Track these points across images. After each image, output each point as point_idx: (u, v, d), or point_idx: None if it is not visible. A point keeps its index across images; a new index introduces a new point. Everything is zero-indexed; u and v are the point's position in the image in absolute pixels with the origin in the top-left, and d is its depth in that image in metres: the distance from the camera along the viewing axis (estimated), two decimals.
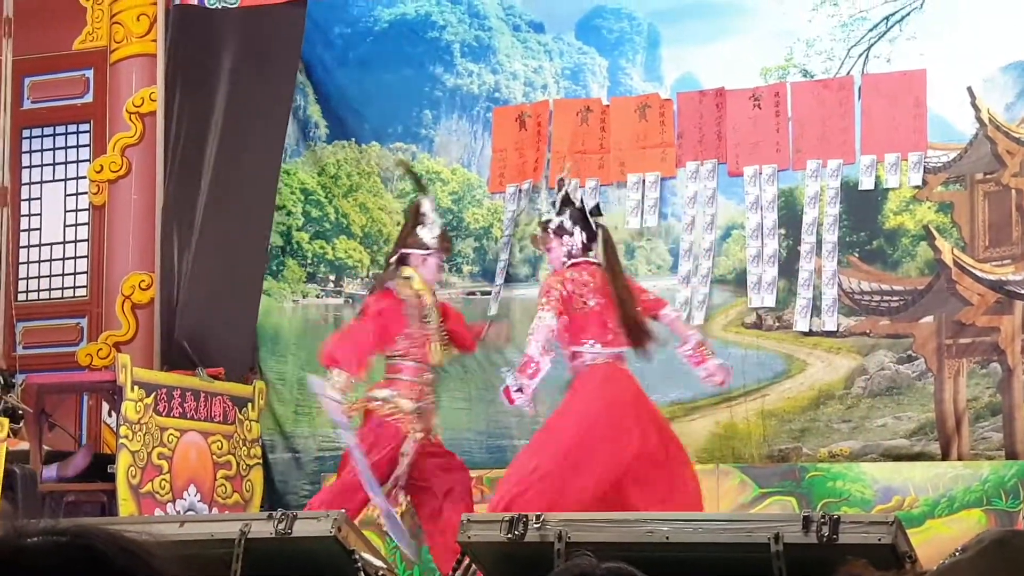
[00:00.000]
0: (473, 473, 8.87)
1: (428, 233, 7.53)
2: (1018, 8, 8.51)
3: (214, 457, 8.62)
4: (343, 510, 5.96)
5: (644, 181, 9.11)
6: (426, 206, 7.60)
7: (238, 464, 8.78)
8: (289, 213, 9.94)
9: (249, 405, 8.94)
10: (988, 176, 8.50)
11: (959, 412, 8.41)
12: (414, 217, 7.62)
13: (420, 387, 7.42)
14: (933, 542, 7.59)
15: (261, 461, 9.03)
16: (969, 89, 8.54)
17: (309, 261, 9.98)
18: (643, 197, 9.12)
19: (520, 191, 9.33)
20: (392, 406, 7.35)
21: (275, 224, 9.82)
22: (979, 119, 8.52)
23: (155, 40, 9.92)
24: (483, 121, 9.66)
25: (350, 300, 9.89)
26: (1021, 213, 8.42)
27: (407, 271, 7.49)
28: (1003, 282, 8.36)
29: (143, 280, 9.77)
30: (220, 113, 9.73)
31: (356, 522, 6.49)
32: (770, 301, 8.80)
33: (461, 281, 9.69)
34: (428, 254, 7.53)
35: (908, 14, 8.76)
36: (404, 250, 7.56)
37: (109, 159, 9.98)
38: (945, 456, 8.37)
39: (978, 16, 8.62)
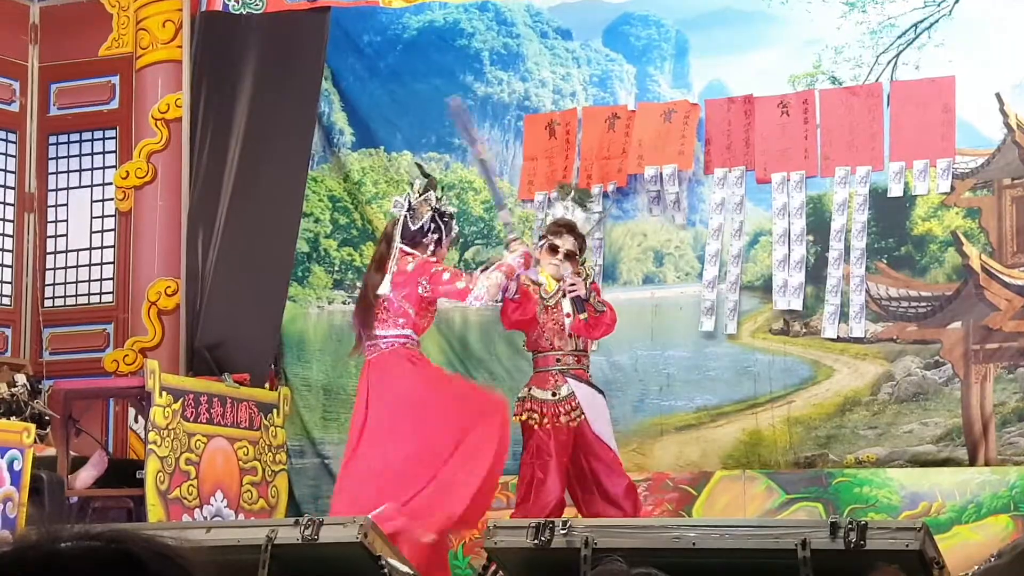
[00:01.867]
0: (500, 479, 8.89)
1: None
2: None
3: (240, 463, 8.63)
4: (369, 516, 5.96)
5: (661, 174, 9.10)
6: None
7: (264, 470, 8.79)
8: (317, 220, 9.95)
9: (274, 411, 8.95)
10: (1016, 181, 8.48)
11: (986, 417, 8.39)
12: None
13: (555, 375, 7.74)
14: (960, 548, 7.57)
15: (286, 467, 9.03)
16: (997, 95, 8.53)
17: (337, 268, 9.99)
18: (662, 190, 9.11)
19: (549, 199, 9.33)
20: (530, 403, 7.82)
21: (302, 231, 9.84)
22: (1007, 125, 8.50)
23: (181, 46, 9.94)
24: (515, 130, 9.67)
25: None
26: None
27: None
28: None
29: (169, 286, 9.79)
30: (245, 119, 9.75)
31: None
32: (796, 304, 8.79)
33: None
34: (540, 243, 7.90)
35: (937, 21, 8.74)
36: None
37: (135, 165, 10.01)
38: (972, 462, 8.35)
39: (1007, 23, 8.60)
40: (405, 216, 7.51)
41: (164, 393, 8.17)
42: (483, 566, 5.97)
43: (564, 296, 7.66)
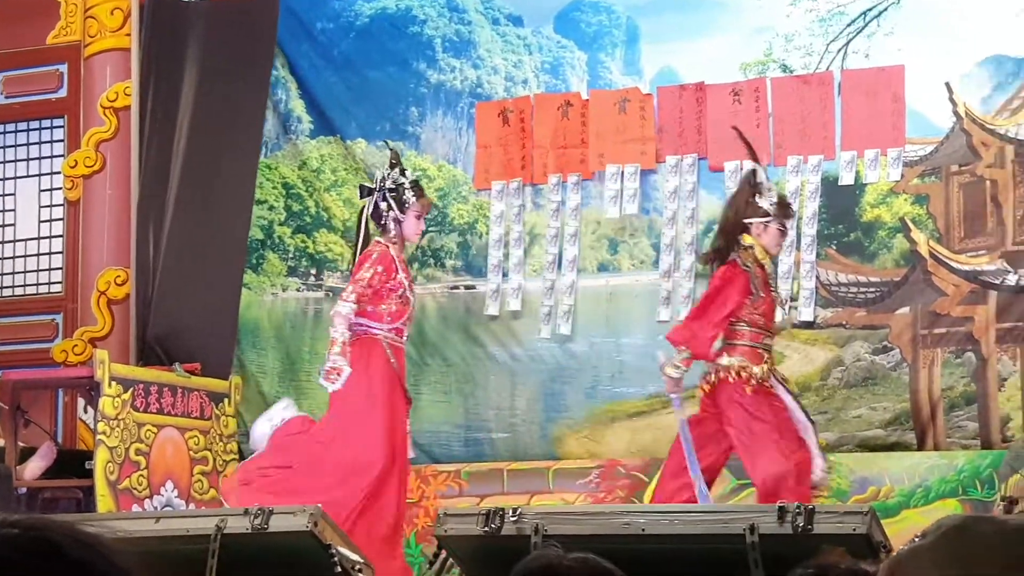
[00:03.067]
0: (451, 467, 8.92)
1: (766, 201, 7.40)
2: (994, 3, 8.53)
3: (191, 453, 8.60)
4: (318, 505, 5.95)
5: (623, 172, 9.12)
6: (760, 175, 7.50)
7: (214, 460, 8.76)
8: (271, 208, 9.92)
9: (225, 400, 8.92)
10: (963, 168, 8.53)
11: (934, 402, 8.44)
12: (749, 187, 7.46)
13: (761, 352, 7.32)
14: (909, 532, 7.56)
15: (237, 456, 9.01)
16: (947, 84, 8.57)
17: (291, 255, 9.96)
18: (622, 187, 9.13)
19: (507, 188, 9.35)
20: (746, 371, 7.24)
21: (256, 218, 9.80)
22: (956, 113, 8.55)
23: (129, 34, 9.87)
24: (467, 117, 9.67)
25: (330, 293, 9.89)
26: (995, 204, 8.46)
27: (747, 240, 7.36)
28: (977, 272, 8.39)
29: (118, 276, 9.73)
30: (195, 107, 9.69)
31: None
32: None
33: (445, 275, 9.71)
34: (768, 221, 7.40)
35: (886, 9, 8.78)
36: (745, 220, 7.40)
37: (84, 154, 9.93)
38: (921, 446, 8.39)
39: (955, 11, 8.64)
40: (369, 201, 7.61)
41: (113, 383, 8.14)
42: (433, 554, 5.95)
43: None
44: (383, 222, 7.57)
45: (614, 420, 9.01)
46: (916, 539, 1.75)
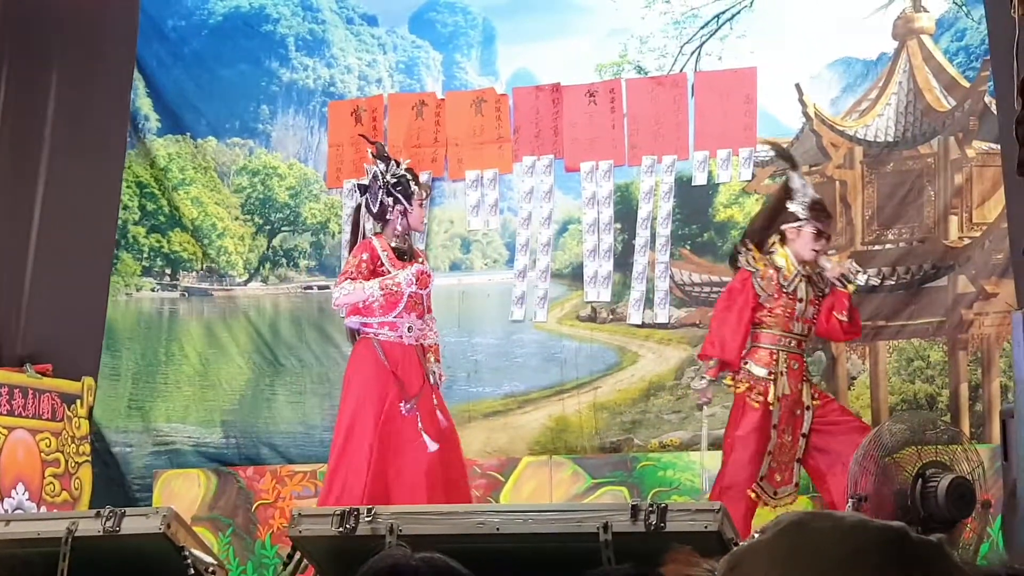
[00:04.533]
0: (307, 467, 8.89)
1: (799, 205, 7.49)
2: (843, 6, 8.70)
3: (42, 455, 8.48)
4: (171, 507, 5.90)
5: (482, 178, 9.15)
6: (795, 181, 7.59)
7: (67, 462, 8.65)
8: (125, 207, 9.78)
9: (78, 402, 8.80)
10: (813, 168, 8.67)
11: None
12: (784, 192, 7.60)
13: (777, 353, 7.41)
14: None
15: (90, 458, 8.89)
16: (797, 85, 8.72)
17: (146, 255, 9.84)
18: (482, 196, 9.16)
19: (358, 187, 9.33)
20: (746, 376, 7.44)
21: None
22: (806, 114, 8.70)
23: None
24: (319, 116, 9.66)
25: (186, 293, 9.80)
26: (844, 204, 8.62)
27: (773, 243, 7.53)
28: None
29: None
30: (55, 108, 9.50)
31: None
32: (606, 295, 8.90)
33: (298, 275, 9.66)
34: (801, 225, 7.47)
35: (738, 12, 8.91)
36: (781, 225, 7.53)
37: None
38: None
39: (805, 15, 8.80)
40: (366, 199, 7.56)
41: None
42: (287, 555, 5.92)
43: (802, 282, 7.45)
44: (388, 217, 7.52)
45: (470, 420, 9.03)
46: (756, 535, 1.78)
